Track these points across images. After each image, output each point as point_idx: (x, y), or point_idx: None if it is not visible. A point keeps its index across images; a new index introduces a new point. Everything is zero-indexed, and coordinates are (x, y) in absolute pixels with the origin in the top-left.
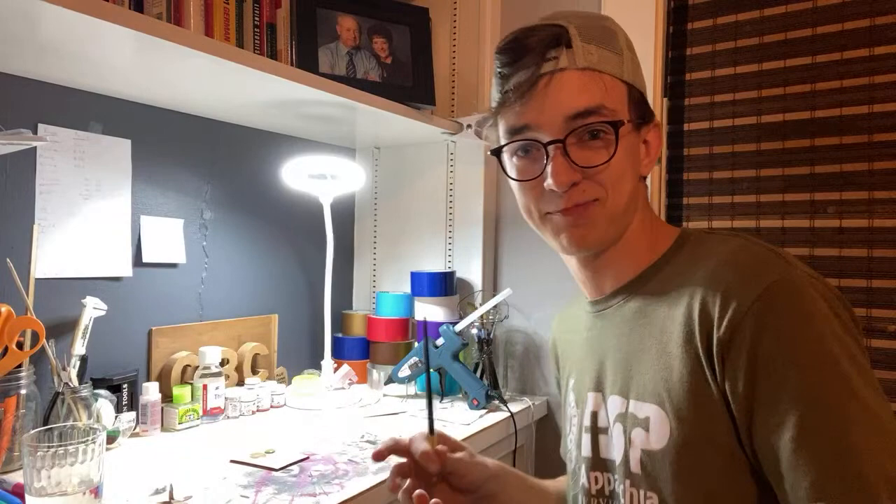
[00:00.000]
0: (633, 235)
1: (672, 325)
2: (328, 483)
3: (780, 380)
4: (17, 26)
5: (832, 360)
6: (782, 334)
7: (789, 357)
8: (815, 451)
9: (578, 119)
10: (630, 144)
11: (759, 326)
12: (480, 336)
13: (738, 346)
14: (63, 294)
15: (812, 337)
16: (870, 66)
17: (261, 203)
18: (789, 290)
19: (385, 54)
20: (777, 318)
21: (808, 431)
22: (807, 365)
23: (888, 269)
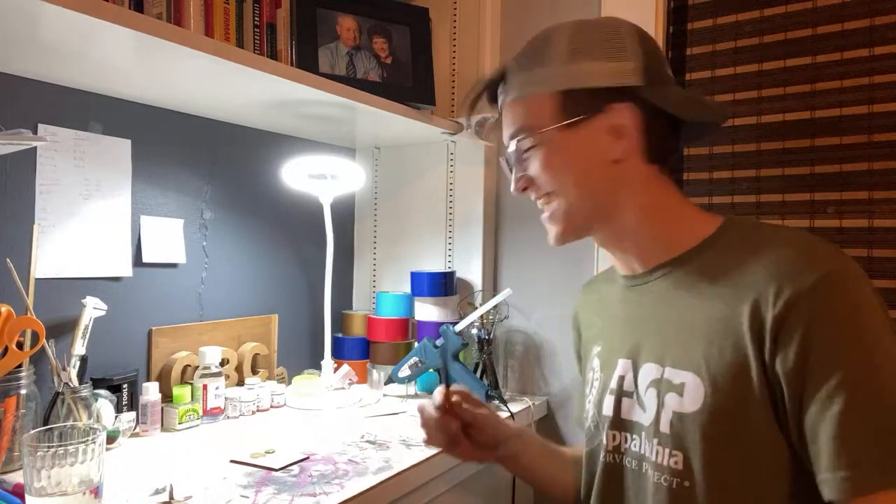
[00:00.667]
0: (644, 217)
1: (719, 302)
2: (328, 483)
3: (832, 359)
4: (17, 26)
5: (883, 347)
6: (838, 318)
7: (843, 339)
8: (858, 427)
9: (511, 141)
10: (565, 144)
11: (815, 308)
12: (480, 336)
13: (792, 325)
14: (63, 294)
15: (865, 324)
16: (870, 66)
17: (261, 203)
18: (846, 279)
19: (385, 54)
20: (833, 303)
21: (855, 408)
22: (859, 348)
23: (888, 269)
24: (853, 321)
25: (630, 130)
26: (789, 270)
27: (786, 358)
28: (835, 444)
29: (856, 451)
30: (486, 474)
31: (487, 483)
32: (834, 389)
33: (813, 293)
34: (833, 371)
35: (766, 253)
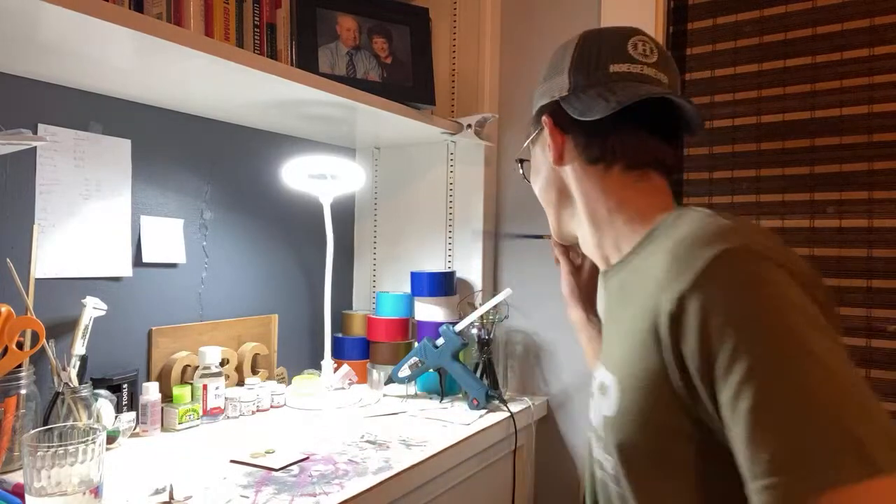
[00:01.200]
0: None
1: (639, 300)
2: (328, 483)
3: (733, 352)
4: (17, 26)
5: (785, 326)
6: (729, 303)
7: (739, 325)
8: (771, 423)
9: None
10: (535, 162)
11: (706, 297)
12: (480, 336)
13: (687, 322)
14: (63, 294)
15: (762, 303)
16: (870, 66)
17: (261, 203)
18: (735, 259)
19: (385, 54)
20: (724, 287)
21: (763, 402)
22: (758, 332)
23: (888, 269)
24: (747, 303)
25: (555, 138)
26: (682, 257)
27: (693, 359)
28: (749, 450)
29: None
30: (487, 474)
31: (487, 483)
32: (738, 385)
33: (699, 283)
34: (734, 367)
35: (670, 242)
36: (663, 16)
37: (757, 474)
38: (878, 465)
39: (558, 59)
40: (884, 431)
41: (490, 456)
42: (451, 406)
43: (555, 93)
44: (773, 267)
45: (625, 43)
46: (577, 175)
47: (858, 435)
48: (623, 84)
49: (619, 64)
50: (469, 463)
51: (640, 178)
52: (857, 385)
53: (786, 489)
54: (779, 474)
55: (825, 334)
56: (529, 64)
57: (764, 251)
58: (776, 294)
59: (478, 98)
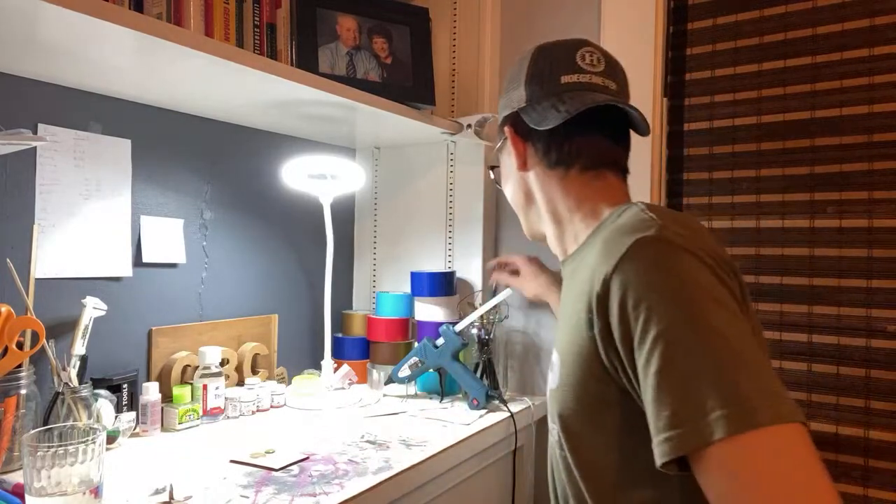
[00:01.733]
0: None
1: (578, 285)
2: (328, 483)
3: (644, 323)
4: (17, 26)
5: (690, 300)
6: (643, 282)
7: (650, 300)
8: (669, 383)
9: None
10: (502, 157)
11: (624, 278)
12: (480, 336)
13: (611, 300)
14: (63, 294)
15: (670, 281)
16: (870, 66)
17: (261, 203)
18: (649, 244)
19: (385, 54)
20: (638, 269)
21: (664, 364)
22: (665, 305)
23: (888, 269)
24: (658, 281)
25: (517, 146)
26: (609, 245)
27: (613, 327)
28: (654, 408)
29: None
30: (487, 474)
31: (487, 483)
32: (648, 352)
33: (620, 266)
34: (646, 337)
35: (606, 233)
36: (663, 16)
37: (659, 429)
38: (758, 419)
39: (516, 72)
40: (767, 389)
41: (490, 456)
42: (451, 406)
43: (514, 104)
44: (681, 251)
45: (573, 55)
46: (539, 179)
47: (744, 393)
48: (572, 94)
49: (569, 75)
50: (469, 463)
51: (596, 177)
52: (748, 350)
53: (680, 440)
54: (675, 428)
55: (725, 308)
56: None
57: (674, 239)
58: (681, 274)
59: (478, 98)
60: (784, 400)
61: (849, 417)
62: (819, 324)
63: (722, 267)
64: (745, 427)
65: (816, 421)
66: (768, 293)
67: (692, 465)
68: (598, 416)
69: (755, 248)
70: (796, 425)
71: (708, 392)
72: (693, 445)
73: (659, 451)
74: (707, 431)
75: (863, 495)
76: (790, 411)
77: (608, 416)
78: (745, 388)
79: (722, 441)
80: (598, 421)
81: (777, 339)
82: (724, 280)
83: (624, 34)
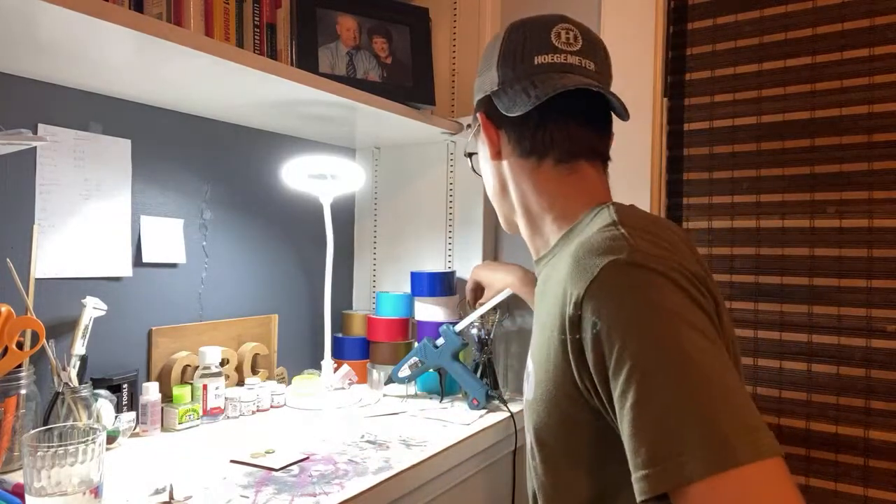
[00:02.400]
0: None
1: (551, 298)
2: (328, 483)
3: (619, 353)
4: (17, 26)
5: (663, 330)
6: (615, 310)
7: (623, 330)
8: (645, 418)
9: None
10: (479, 142)
11: (596, 305)
12: (480, 336)
13: (583, 325)
14: (63, 294)
15: (643, 310)
16: (870, 66)
17: (261, 203)
18: (621, 269)
19: (385, 54)
20: (610, 296)
21: (639, 399)
22: (638, 335)
23: (888, 269)
24: (629, 308)
25: (489, 134)
26: (580, 264)
27: (587, 353)
28: (630, 444)
29: (646, 448)
30: (487, 474)
31: (487, 483)
32: (623, 384)
33: (591, 291)
34: (620, 366)
35: (575, 246)
36: (663, 16)
37: (637, 465)
38: (738, 457)
39: (489, 52)
40: (745, 425)
41: (490, 456)
42: (451, 406)
43: (486, 87)
44: (652, 276)
45: (548, 33)
46: (513, 169)
47: (723, 430)
48: (545, 76)
49: (542, 55)
50: (469, 463)
51: (571, 171)
52: (726, 382)
53: (658, 478)
54: (653, 465)
55: (700, 334)
56: None
57: (645, 262)
58: (653, 301)
59: None
60: (762, 434)
61: (849, 417)
62: (819, 324)
63: (696, 285)
64: (725, 466)
65: (816, 421)
66: (768, 293)
67: (672, 500)
68: (570, 433)
69: (755, 248)
70: (774, 460)
71: (685, 429)
72: (672, 485)
73: (638, 487)
74: (687, 470)
75: (863, 495)
76: (769, 446)
77: (579, 433)
78: (723, 425)
79: (702, 481)
80: (569, 438)
81: (777, 339)
82: (698, 301)
83: (624, 34)
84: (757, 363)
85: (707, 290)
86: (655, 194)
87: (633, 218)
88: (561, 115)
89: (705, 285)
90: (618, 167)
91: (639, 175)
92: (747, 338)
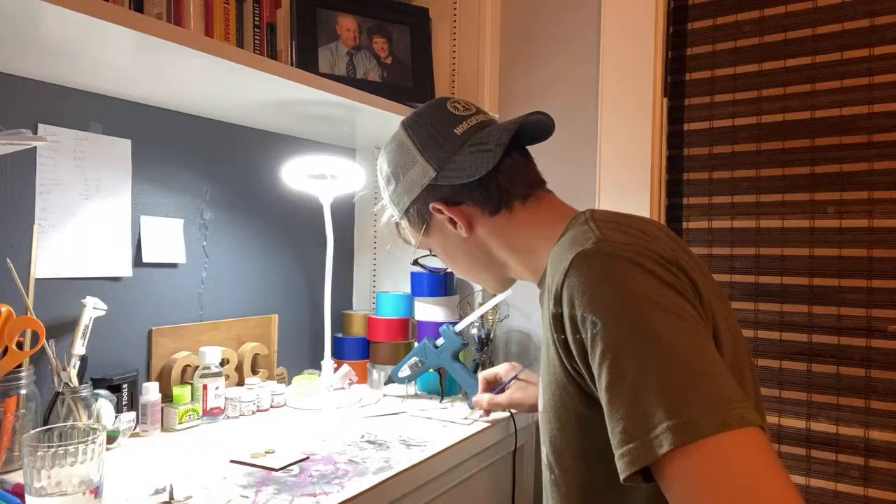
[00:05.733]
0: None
1: (543, 308)
2: (328, 483)
3: (592, 338)
4: (17, 26)
5: (629, 311)
6: (585, 296)
7: (594, 315)
8: (619, 399)
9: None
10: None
11: (571, 293)
12: (480, 336)
13: (563, 317)
14: (63, 294)
15: (609, 294)
16: (870, 66)
17: (261, 203)
18: (590, 256)
19: (385, 54)
20: (580, 283)
21: (612, 380)
22: (606, 319)
23: (888, 269)
24: (600, 293)
25: (456, 215)
26: (555, 263)
27: (570, 344)
28: (609, 424)
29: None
30: (487, 474)
31: (487, 483)
32: (598, 366)
33: (566, 281)
34: (594, 350)
35: (552, 252)
36: (663, 16)
37: (615, 445)
38: (703, 429)
39: (399, 157)
40: (713, 396)
41: (490, 456)
42: (451, 406)
43: (422, 180)
44: (618, 261)
45: (444, 110)
46: (491, 232)
47: (689, 403)
48: (480, 134)
49: (457, 126)
50: (469, 463)
51: (538, 201)
52: (698, 358)
53: (632, 455)
54: (628, 443)
55: (668, 312)
56: (529, 64)
57: (611, 249)
58: (619, 284)
59: (478, 98)
60: (732, 405)
61: (849, 417)
62: (819, 324)
63: (666, 267)
64: (690, 438)
65: (816, 421)
66: (768, 293)
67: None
68: (579, 434)
69: (755, 248)
70: (747, 430)
71: (653, 405)
72: (645, 460)
73: (619, 466)
74: (655, 445)
75: (863, 495)
76: (737, 417)
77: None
78: (689, 397)
79: (670, 453)
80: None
81: (777, 339)
82: (668, 282)
83: (624, 34)
84: (757, 363)
85: (681, 270)
86: (655, 194)
87: (603, 213)
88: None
89: (678, 266)
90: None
91: (639, 175)
92: (747, 338)
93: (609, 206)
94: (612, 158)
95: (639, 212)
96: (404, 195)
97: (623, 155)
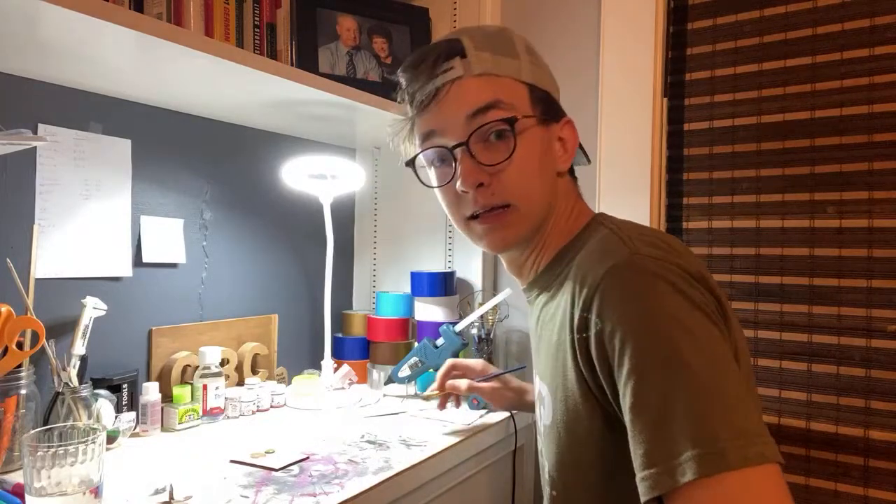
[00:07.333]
0: (551, 229)
1: (558, 313)
2: (328, 483)
3: (620, 355)
4: (17, 26)
5: (660, 334)
6: (617, 313)
7: (624, 332)
8: (644, 421)
9: (478, 116)
10: (537, 141)
11: (601, 308)
12: (480, 336)
13: (590, 331)
14: (63, 294)
15: (642, 314)
16: (870, 66)
17: (261, 203)
18: (623, 272)
19: (385, 54)
20: (610, 299)
21: (638, 402)
22: (637, 338)
23: (888, 269)
24: (631, 312)
25: (572, 144)
26: (583, 276)
27: (595, 359)
28: (632, 445)
29: (643, 450)
30: (487, 474)
31: (487, 483)
32: (623, 385)
33: (598, 295)
34: (622, 369)
35: (577, 261)
36: (663, 16)
37: (637, 467)
38: (727, 461)
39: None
40: (739, 428)
41: (490, 456)
42: (451, 406)
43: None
44: (655, 280)
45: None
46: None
47: (715, 433)
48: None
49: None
50: (469, 463)
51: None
52: (723, 385)
53: (654, 480)
54: (650, 468)
55: (699, 339)
56: None
57: (646, 265)
58: (653, 307)
59: None
60: (755, 439)
61: (849, 417)
62: (819, 324)
63: (695, 287)
64: (715, 469)
65: (816, 421)
66: (768, 293)
67: (665, 500)
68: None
69: (755, 248)
70: (767, 467)
71: (679, 432)
72: (665, 487)
73: (640, 488)
74: (678, 472)
75: (863, 495)
76: (758, 454)
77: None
78: (715, 428)
79: (692, 483)
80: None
81: (777, 339)
82: (697, 304)
83: (624, 34)
84: (757, 363)
85: (708, 289)
86: (655, 194)
87: (624, 222)
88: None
89: (706, 285)
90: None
91: (639, 175)
92: (747, 338)
93: (609, 206)
94: (612, 158)
95: (639, 211)
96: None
97: (623, 155)
